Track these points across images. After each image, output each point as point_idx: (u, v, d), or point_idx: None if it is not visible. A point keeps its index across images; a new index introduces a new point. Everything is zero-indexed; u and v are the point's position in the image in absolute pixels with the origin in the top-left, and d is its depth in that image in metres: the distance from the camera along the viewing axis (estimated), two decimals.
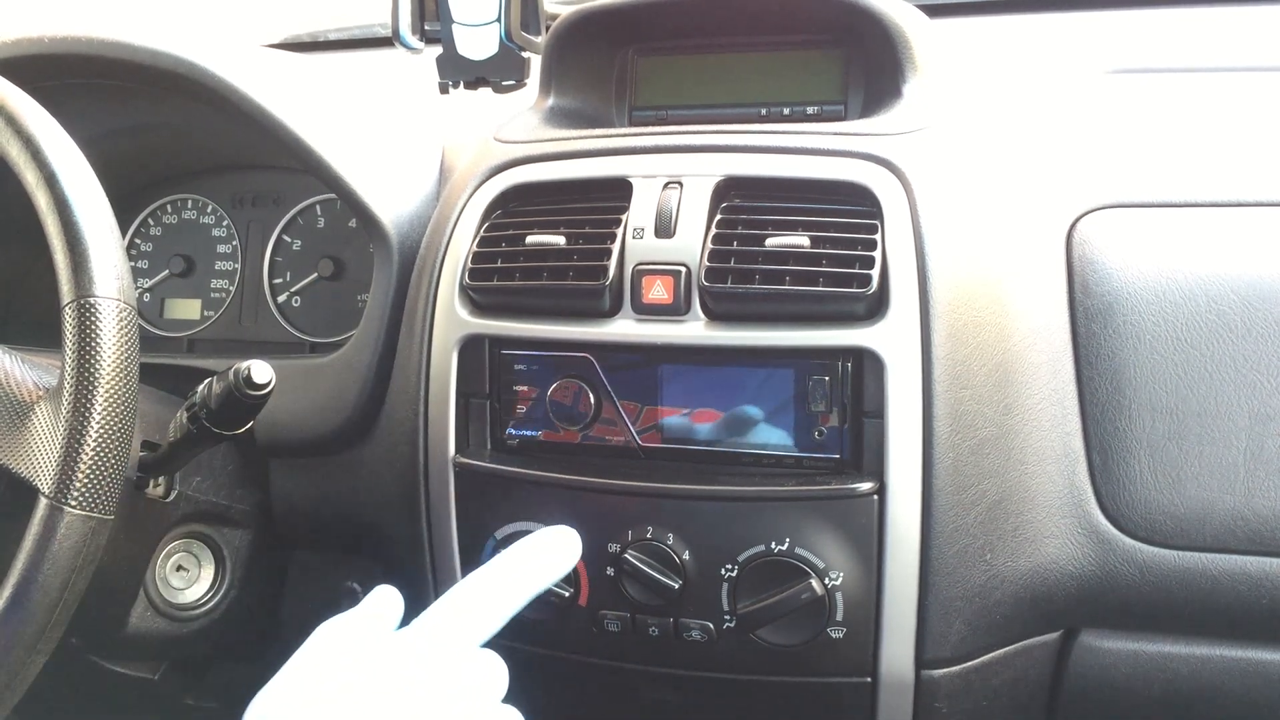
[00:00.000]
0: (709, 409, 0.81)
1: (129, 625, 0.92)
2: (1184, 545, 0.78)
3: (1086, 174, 0.86)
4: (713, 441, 0.81)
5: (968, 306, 0.77)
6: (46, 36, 0.97)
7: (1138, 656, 0.83)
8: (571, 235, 0.84)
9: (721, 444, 0.81)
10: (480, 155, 0.92)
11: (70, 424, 0.65)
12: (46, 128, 0.73)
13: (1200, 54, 1.02)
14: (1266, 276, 0.78)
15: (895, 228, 0.77)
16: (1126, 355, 0.79)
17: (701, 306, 0.80)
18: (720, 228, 0.80)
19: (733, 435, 0.80)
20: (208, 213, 1.18)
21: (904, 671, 0.78)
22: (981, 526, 0.77)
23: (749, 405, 0.80)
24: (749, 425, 0.80)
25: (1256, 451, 0.77)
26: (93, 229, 0.69)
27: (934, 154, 0.82)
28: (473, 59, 0.98)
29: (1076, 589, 0.80)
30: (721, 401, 0.80)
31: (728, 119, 0.93)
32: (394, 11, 0.99)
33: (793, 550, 0.76)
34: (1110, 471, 0.79)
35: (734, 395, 0.80)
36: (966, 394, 0.76)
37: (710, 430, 0.81)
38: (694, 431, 0.81)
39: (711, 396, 0.80)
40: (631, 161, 0.86)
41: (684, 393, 0.81)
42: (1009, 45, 1.16)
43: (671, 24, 0.98)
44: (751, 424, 0.80)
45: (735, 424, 0.80)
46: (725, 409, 0.80)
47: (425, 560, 0.88)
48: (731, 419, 0.80)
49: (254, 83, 0.95)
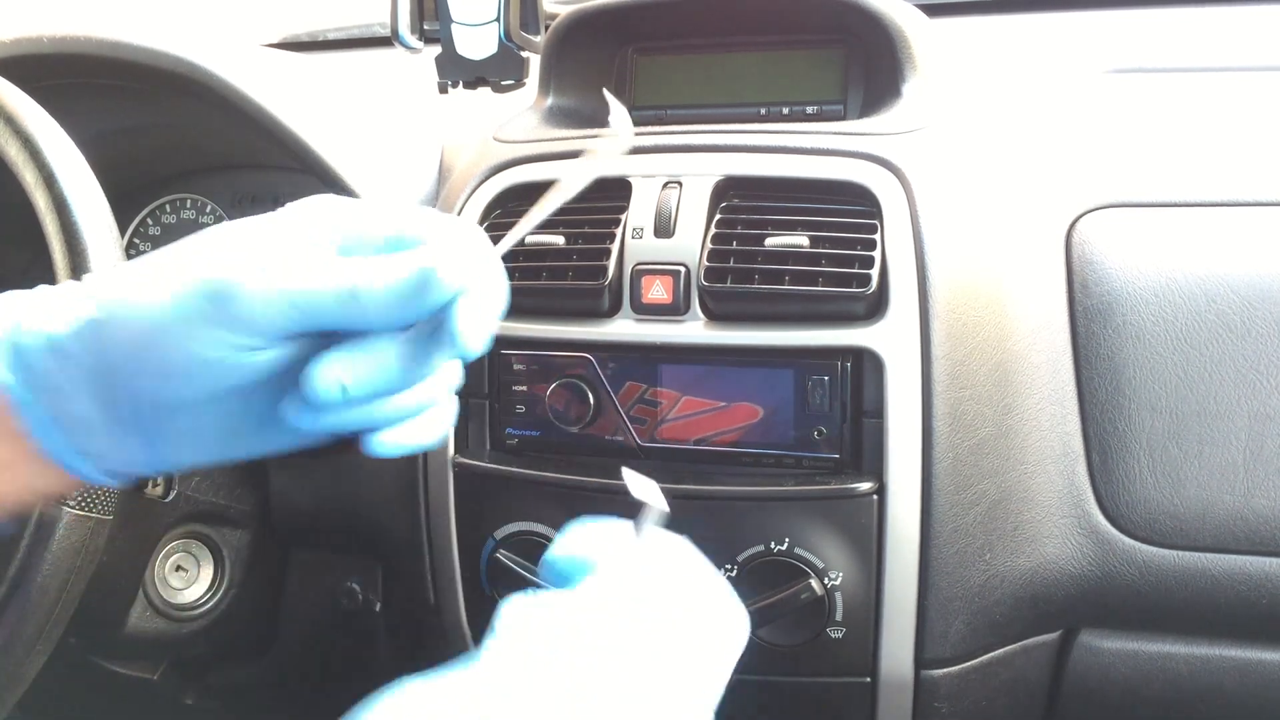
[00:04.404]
0: (709, 409, 0.81)
1: (128, 625, 0.92)
2: (1183, 545, 0.78)
3: (1086, 174, 0.86)
4: (711, 441, 0.81)
5: (967, 306, 0.77)
6: (46, 36, 0.97)
7: (1137, 656, 0.83)
8: (571, 235, 0.84)
9: (720, 443, 0.81)
10: (479, 155, 0.92)
11: None
12: (45, 128, 0.73)
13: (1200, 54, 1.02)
14: (1266, 276, 0.78)
15: (895, 227, 0.77)
16: (1126, 355, 0.79)
17: (701, 306, 0.80)
18: (720, 227, 0.80)
19: (732, 435, 0.80)
20: (207, 212, 1.18)
21: (903, 671, 0.78)
22: (981, 526, 0.77)
23: (748, 405, 0.80)
24: (748, 425, 0.80)
25: (1256, 451, 0.77)
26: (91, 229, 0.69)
27: (933, 154, 0.82)
28: (472, 59, 0.97)
29: (1076, 589, 0.80)
30: (720, 401, 0.80)
31: (727, 119, 0.93)
32: (393, 11, 0.98)
33: (792, 550, 0.76)
34: (1110, 471, 0.79)
35: (733, 395, 0.80)
36: (966, 394, 0.76)
37: (709, 430, 0.81)
38: (693, 431, 0.81)
39: (711, 396, 0.80)
40: (631, 161, 0.86)
41: (682, 392, 0.81)
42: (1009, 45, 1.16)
43: (671, 24, 0.97)
44: (751, 424, 0.80)
45: (734, 424, 0.80)
46: (724, 409, 0.80)
47: (425, 560, 0.88)
48: (730, 419, 0.80)
49: (253, 82, 0.95)
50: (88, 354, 0.45)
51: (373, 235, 0.46)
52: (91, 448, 0.47)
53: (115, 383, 0.45)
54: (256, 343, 0.44)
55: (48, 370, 0.45)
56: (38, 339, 0.45)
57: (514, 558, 0.82)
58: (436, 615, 0.88)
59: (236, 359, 0.44)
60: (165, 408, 0.45)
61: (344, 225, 0.46)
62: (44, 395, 0.46)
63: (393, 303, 0.44)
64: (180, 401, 0.45)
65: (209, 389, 0.45)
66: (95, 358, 0.45)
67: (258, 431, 0.48)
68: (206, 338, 0.43)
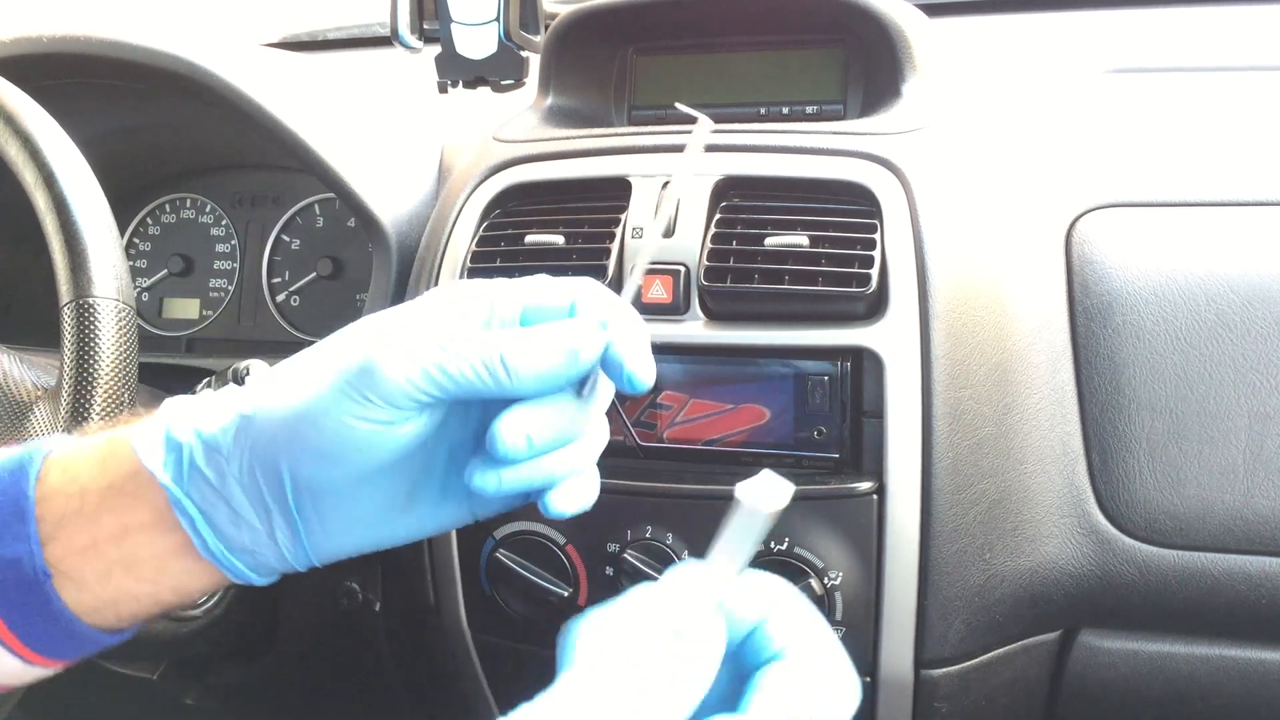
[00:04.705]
0: (708, 408, 0.81)
1: None
2: (1183, 545, 0.78)
3: (1086, 173, 0.86)
4: (712, 441, 0.81)
5: (967, 306, 0.77)
6: (46, 36, 0.97)
7: (1137, 656, 0.83)
8: (571, 235, 0.84)
9: (721, 443, 0.81)
10: (479, 154, 0.92)
11: (69, 424, 0.65)
12: (45, 127, 0.73)
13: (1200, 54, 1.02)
14: (1266, 276, 0.78)
15: (894, 227, 0.77)
16: (1126, 354, 0.79)
17: (701, 306, 0.80)
18: (720, 227, 0.80)
19: (732, 435, 0.80)
20: (206, 212, 1.18)
21: (903, 671, 0.78)
22: (981, 526, 0.77)
23: (748, 405, 0.80)
24: (748, 425, 0.80)
25: (1256, 451, 0.77)
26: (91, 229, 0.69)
27: (933, 153, 0.82)
28: (472, 58, 0.97)
29: (1076, 588, 0.80)
30: (721, 401, 0.80)
31: (727, 118, 0.93)
32: (393, 11, 0.99)
33: (792, 550, 0.76)
34: (1109, 471, 0.79)
35: (733, 395, 0.80)
36: (966, 393, 0.76)
37: (709, 430, 0.81)
38: (693, 431, 0.81)
39: (710, 396, 0.80)
40: (631, 161, 0.86)
41: (683, 392, 0.81)
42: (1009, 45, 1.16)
43: (671, 23, 0.98)
44: (751, 423, 0.80)
45: (734, 423, 0.80)
46: (724, 408, 0.80)
47: (425, 560, 0.88)
48: (730, 418, 0.80)
49: (253, 82, 0.95)
50: (239, 449, 0.46)
51: (510, 308, 0.48)
52: (244, 543, 0.48)
53: (267, 473, 0.46)
54: (401, 415, 0.45)
55: (201, 468, 0.46)
56: (191, 437, 0.47)
57: (514, 557, 0.82)
58: (436, 615, 0.88)
59: (383, 434, 0.45)
60: (316, 493, 0.46)
61: (484, 300, 0.48)
62: (197, 492, 0.47)
63: (543, 373, 0.45)
64: (331, 484, 0.46)
65: (359, 468, 0.46)
66: (247, 452, 0.46)
67: (406, 510, 0.49)
68: (352, 414, 0.45)
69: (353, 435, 0.45)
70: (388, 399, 0.45)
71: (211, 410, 0.47)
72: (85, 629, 0.49)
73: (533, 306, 0.48)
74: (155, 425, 0.48)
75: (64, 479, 0.48)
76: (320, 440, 0.45)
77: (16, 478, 0.48)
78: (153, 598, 0.49)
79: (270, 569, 0.49)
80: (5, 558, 0.47)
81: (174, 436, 0.47)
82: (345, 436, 0.45)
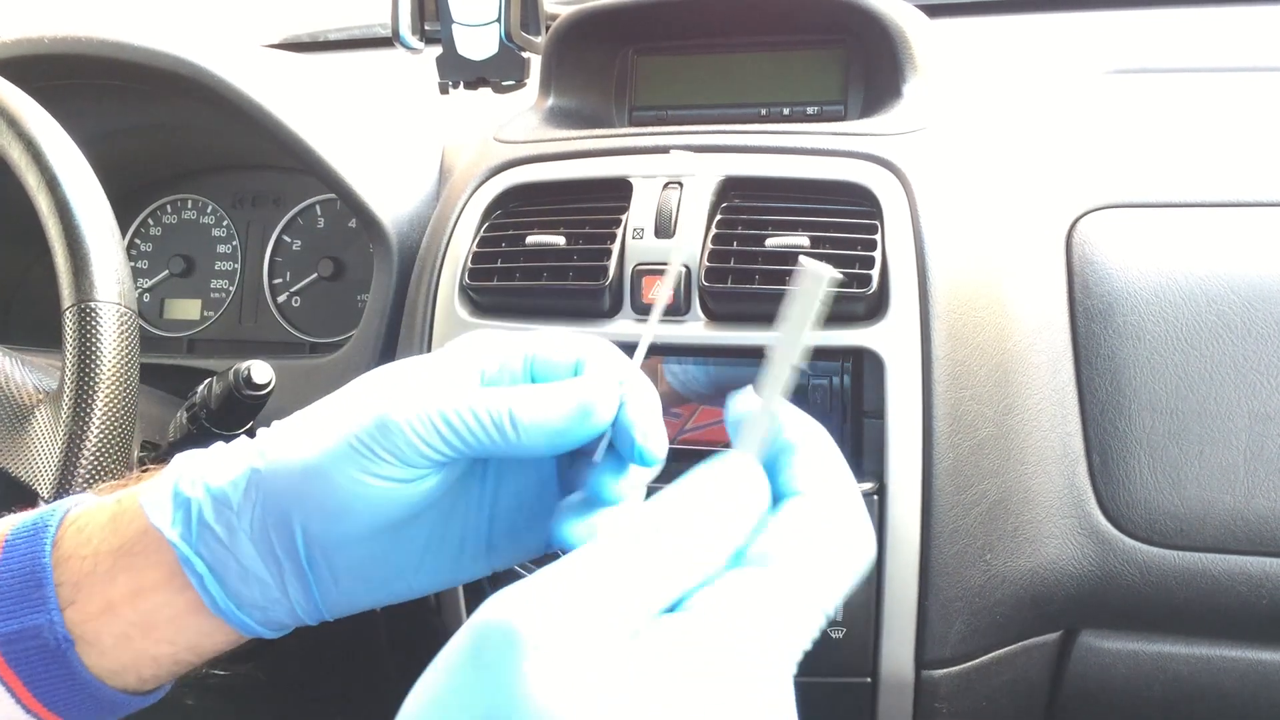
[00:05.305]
0: (709, 409, 0.81)
1: None
2: (1184, 545, 0.78)
3: (1086, 174, 0.86)
4: (713, 442, 0.81)
5: (968, 306, 0.77)
6: (46, 36, 0.97)
7: (1138, 657, 0.83)
8: (571, 235, 0.84)
9: (721, 444, 0.81)
10: (480, 155, 0.92)
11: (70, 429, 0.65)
12: (48, 130, 0.73)
13: (1200, 54, 1.02)
14: (1266, 276, 0.78)
15: (895, 228, 0.77)
16: (1126, 355, 0.79)
17: (701, 307, 0.80)
18: (720, 228, 0.80)
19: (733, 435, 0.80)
20: (207, 213, 1.18)
21: (904, 672, 0.78)
22: (981, 527, 0.77)
23: None
24: None
25: (1256, 451, 0.77)
26: (94, 233, 0.69)
27: (934, 154, 0.82)
28: (473, 59, 0.97)
29: (1076, 589, 0.80)
30: (721, 402, 0.80)
31: (728, 119, 0.93)
32: (394, 11, 0.98)
33: None
34: (1110, 471, 0.79)
35: None
36: (966, 394, 0.76)
37: (710, 430, 0.81)
38: (694, 432, 0.81)
39: (711, 397, 0.80)
40: (631, 161, 0.86)
41: (684, 393, 0.81)
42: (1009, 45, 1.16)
43: (671, 24, 0.98)
44: None
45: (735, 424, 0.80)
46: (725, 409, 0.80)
47: None
48: None
49: (254, 83, 0.95)
50: (249, 502, 0.45)
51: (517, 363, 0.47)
52: (254, 599, 0.47)
53: (279, 527, 0.45)
54: (413, 473, 0.45)
55: (210, 523, 0.45)
56: (199, 492, 0.46)
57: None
58: (436, 615, 0.88)
59: (398, 491, 0.45)
60: (328, 548, 0.46)
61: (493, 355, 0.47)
62: (206, 548, 0.46)
63: (551, 432, 0.45)
64: (344, 539, 0.45)
65: (373, 524, 0.45)
66: (258, 506, 0.45)
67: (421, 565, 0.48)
68: (365, 471, 0.44)
69: (366, 491, 0.44)
70: (400, 457, 0.44)
71: (220, 464, 0.46)
72: (110, 693, 0.48)
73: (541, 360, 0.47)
74: (163, 481, 0.47)
75: (78, 541, 0.47)
76: (333, 496, 0.44)
77: (32, 544, 0.47)
78: (171, 658, 0.49)
79: (281, 624, 0.49)
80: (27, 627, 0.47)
81: (182, 492, 0.46)
82: (358, 493, 0.44)
